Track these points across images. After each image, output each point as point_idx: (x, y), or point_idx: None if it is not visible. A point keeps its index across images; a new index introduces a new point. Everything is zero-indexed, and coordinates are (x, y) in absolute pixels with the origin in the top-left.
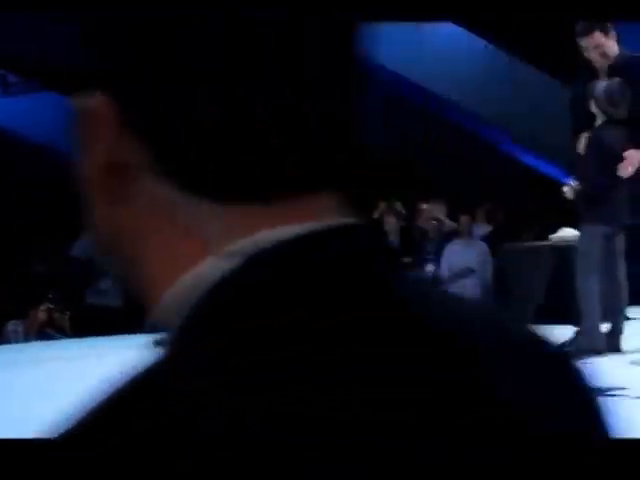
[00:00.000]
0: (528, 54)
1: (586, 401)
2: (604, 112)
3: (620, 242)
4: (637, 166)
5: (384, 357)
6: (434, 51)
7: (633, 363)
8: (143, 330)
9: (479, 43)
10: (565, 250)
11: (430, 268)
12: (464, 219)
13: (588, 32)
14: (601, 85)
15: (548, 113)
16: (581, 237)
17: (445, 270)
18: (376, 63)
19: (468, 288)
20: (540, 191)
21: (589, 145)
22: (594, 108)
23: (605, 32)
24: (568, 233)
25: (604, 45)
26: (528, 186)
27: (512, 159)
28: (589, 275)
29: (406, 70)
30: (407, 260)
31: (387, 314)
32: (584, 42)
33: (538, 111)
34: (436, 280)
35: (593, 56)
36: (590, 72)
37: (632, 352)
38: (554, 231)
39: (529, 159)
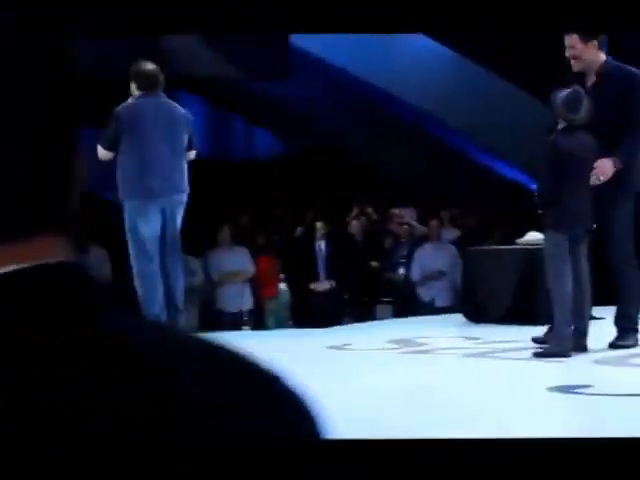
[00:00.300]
0: (496, 66)
1: (288, 407)
2: (563, 119)
3: (584, 246)
4: (609, 175)
5: (74, 378)
6: (406, 60)
7: (596, 362)
8: None
9: (449, 54)
10: (532, 253)
11: (402, 271)
12: (434, 223)
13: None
14: (561, 93)
15: (515, 122)
16: (546, 243)
17: (417, 273)
18: (348, 71)
19: (439, 290)
20: (507, 196)
21: (547, 151)
22: (555, 116)
23: (584, 38)
24: (535, 237)
25: (578, 49)
26: (495, 192)
27: (480, 166)
28: (559, 279)
29: (378, 79)
30: (375, 264)
31: (88, 340)
32: (565, 40)
33: (505, 120)
34: (408, 282)
35: (568, 55)
36: (573, 76)
37: (595, 351)
38: (521, 235)
39: (497, 166)
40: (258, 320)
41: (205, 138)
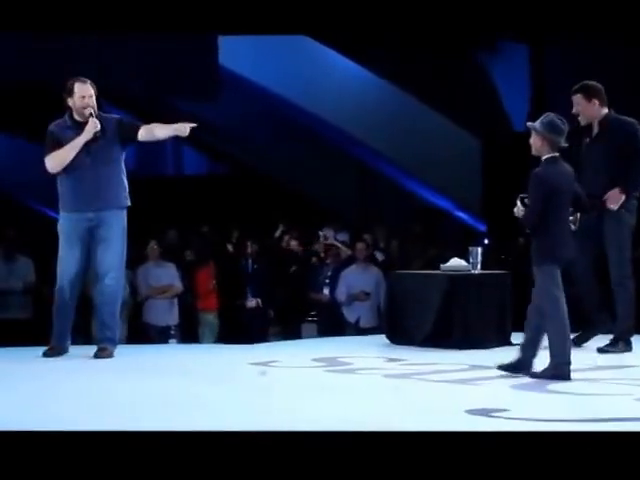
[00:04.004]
0: (424, 94)
1: None
2: (551, 144)
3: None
4: (620, 202)
5: None
6: (335, 85)
7: (515, 387)
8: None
9: (377, 80)
10: (454, 279)
11: (326, 291)
12: (360, 245)
13: (574, 92)
14: (544, 119)
15: (442, 151)
16: (541, 276)
17: (342, 293)
18: (278, 94)
19: (364, 311)
20: (432, 222)
21: (534, 183)
22: (539, 141)
23: (587, 97)
24: (458, 263)
25: (581, 106)
26: (422, 217)
27: (407, 191)
28: (560, 312)
29: (307, 102)
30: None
31: None
32: (573, 99)
33: (430, 147)
34: (333, 303)
35: (574, 112)
36: (581, 129)
37: (516, 377)
38: (445, 260)
39: (422, 192)
40: (189, 333)
41: (134, 154)
